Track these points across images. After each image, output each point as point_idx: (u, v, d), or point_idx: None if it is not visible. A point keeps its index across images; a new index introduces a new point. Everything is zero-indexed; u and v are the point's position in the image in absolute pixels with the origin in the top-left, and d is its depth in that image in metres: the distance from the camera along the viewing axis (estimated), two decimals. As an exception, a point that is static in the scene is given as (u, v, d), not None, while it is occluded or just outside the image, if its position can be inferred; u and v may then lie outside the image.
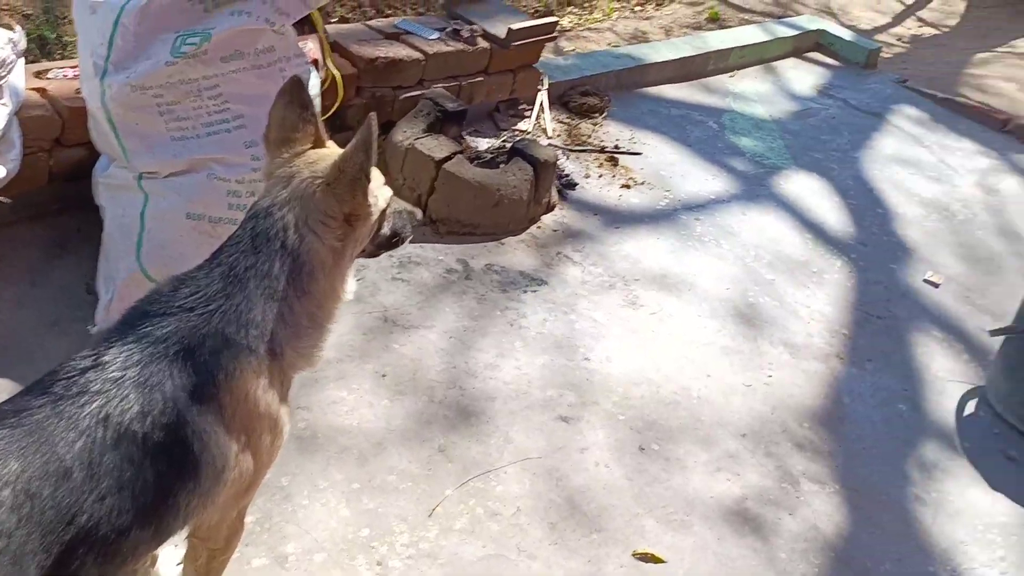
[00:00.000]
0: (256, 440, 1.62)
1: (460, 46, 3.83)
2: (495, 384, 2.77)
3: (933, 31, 8.45)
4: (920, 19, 8.75)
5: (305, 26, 3.12)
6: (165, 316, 1.52)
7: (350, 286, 1.75)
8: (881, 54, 7.06)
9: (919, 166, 4.65)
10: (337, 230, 1.63)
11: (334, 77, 3.23)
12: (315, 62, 3.08)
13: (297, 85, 1.70)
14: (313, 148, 1.70)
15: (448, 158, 3.40)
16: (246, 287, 1.56)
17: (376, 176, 1.69)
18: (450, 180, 3.37)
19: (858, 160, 4.56)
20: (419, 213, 1.97)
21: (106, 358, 1.46)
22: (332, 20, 5.06)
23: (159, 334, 1.50)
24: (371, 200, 1.66)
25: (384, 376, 2.70)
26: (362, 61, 3.53)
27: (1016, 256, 4.05)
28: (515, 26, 3.89)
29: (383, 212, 1.77)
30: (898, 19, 8.66)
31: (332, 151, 1.71)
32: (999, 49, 7.56)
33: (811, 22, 5.93)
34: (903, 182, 4.46)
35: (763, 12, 7.92)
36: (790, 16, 7.87)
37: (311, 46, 3.13)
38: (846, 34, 6.02)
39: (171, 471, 1.47)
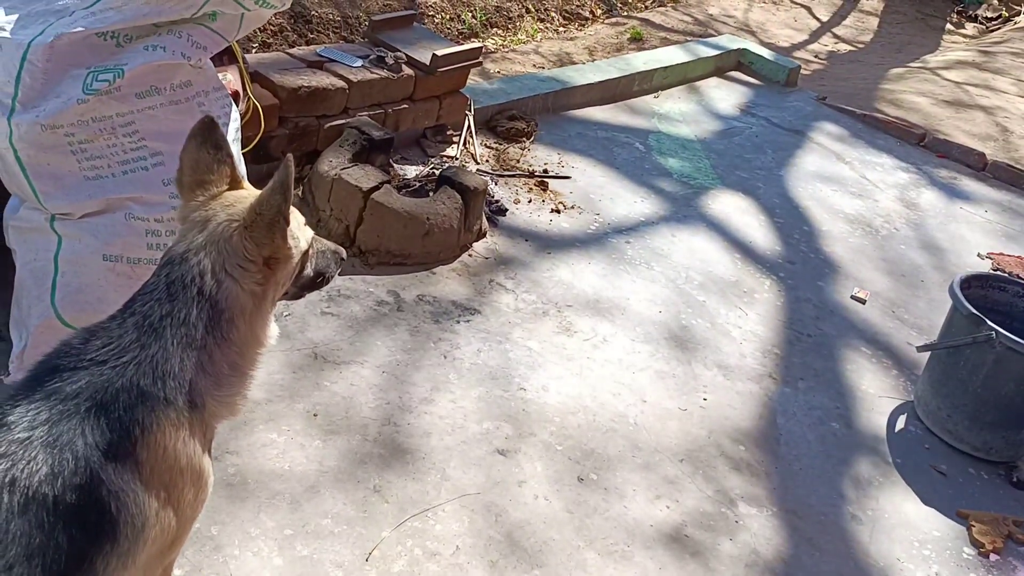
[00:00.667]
0: (178, 495, 1.54)
1: (384, 74, 3.78)
2: (430, 419, 2.72)
3: (849, 47, 8.67)
4: (836, 36, 8.98)
5: (224, 57, 3.04)
6: (76, 370, 1.45)
7: (272, 331, 1.70)
8: (800, 71, 7.20)
9: (842, 182, 4.74)
10: (256, 274, 1.58)
11: (255, 108, 3.16)
12: (235, 94, 3.00)
13: (209, 126, 1.64)
14: (230, 189, 1.65)
15: (376, 188, 3.35)
16: (162, 336, 1.50)
17: (296, 217, 1.65)
18: (378, 210, 3.31)
19: (783, 178, 4.64)
20: (343, 252, 1.92)
21: (11, 418, 1.38)
22: (253, 47, 4.98)
23: (69, 390, 1.42)
24: (291, 242, 1.62)
25: (315, 416, 2.63)
26: (284, 91, 3.46)
27: (937, 270, 4.14)
28: (440, 52, 3.86)
29: (305, 253, 1.73)
30: (815, 36, 8.88)
31: (249, 192, 1.66)
32: (912, 64, 7.79)
33: (732, 42, 6.02)
34: (827, 199, 4.54)
35: (684, 32, 8.04)
36: (711, 36, 8.00)
37: (231, 77, 3.05)
38: (766, 53, 6.12)
39: (86, 535, 1.38)
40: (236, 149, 2.54)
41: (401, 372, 2.87)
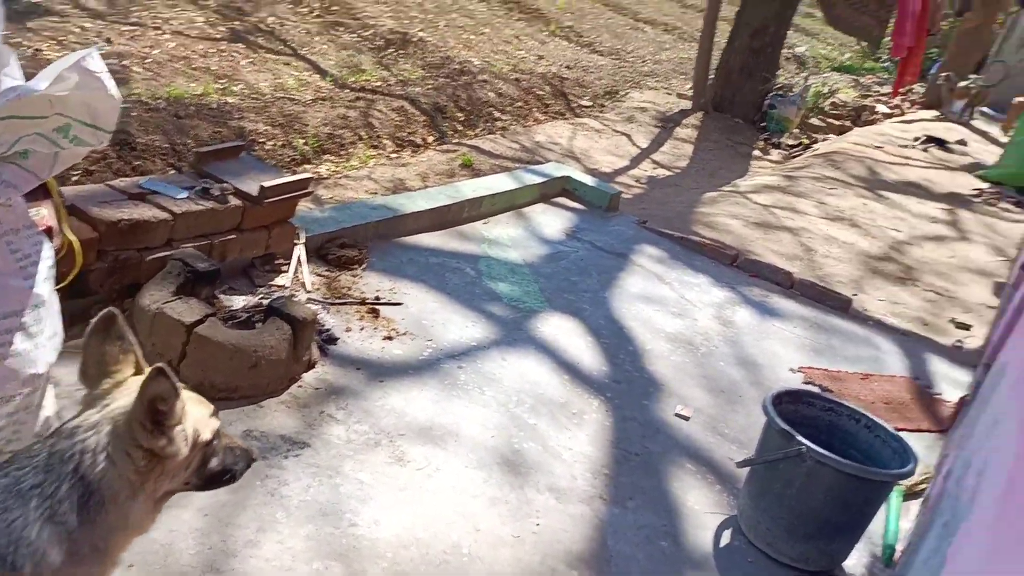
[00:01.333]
0: None
1: (210, 205, 3.75)
2: (256, 563, 2.62)
3: (667, 172, 9.23)
4: (655, 162, 9.54)
5: (39, 191, 2.95)
6: None
7: (150, 521, 1.69)
8: (622, 196, 7.58)
9: (663, 303, 4.97)
10: (139, 462, 1.59)
11: (71, 244, 3.06)
12: (49, 230, 2.90)
13: (109, 319, 1.70)
14: (134, 375, 1.70)
15: (199, 321, 3.27)
16: (27, 504, 1.50)
17: (195, 409, 1.68)
18: (203, 344, 3.23)
19: (608, 300, 4.82)
20: (255, 452, 1.92)
21: None
22: (74, 176, 4.84)
23: None
24: (180, 436, 1.63)
25: (131, 567, 2.49)
26: (103, 224, 3.38)
27: (754, 385, 4.37)
28: (268, 183, 3.87)
29: (208, 444, 1.74)
30: (635, 162, 9.41)
31: None
32: (725, 188, 8.34)
33: (557, 169, 6.30)
34: (650, 319, 4.75)
35: (513, 158, 8.36)
36: (538, 162, 8.34)
37: (45, 213, 2.95)
38: (589, 180, 6.43)
39: None
40: (50, 287, 2.45)
41: (225, 514, 2.77)
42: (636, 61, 14.47)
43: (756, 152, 10.68)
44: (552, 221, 5.74)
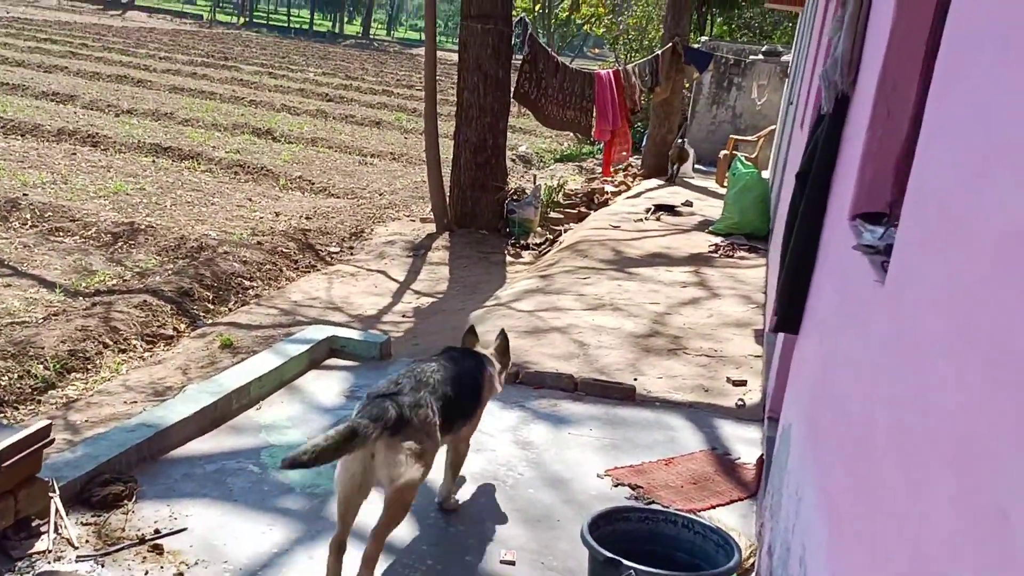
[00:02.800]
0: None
1: (-63, 487, 3.30)
2: None
3: (430, 299, 9.26)
4: (416, 291, 9.57)
5: None
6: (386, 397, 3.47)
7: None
8: (393, 335, 7.51)
9: (459, 443, 4.87)
10: (498, 385, 4.38)
11: None
12: None
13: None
14: None
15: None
16: (426, 387, 3.63)
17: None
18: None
19: (403, 457, 4.66)
20: None
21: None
22: None
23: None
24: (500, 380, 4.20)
25: None
26: None
27: (567, 503, 4.33)
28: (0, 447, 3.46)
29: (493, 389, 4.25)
30: (397, 296, 9.39)
31: None
32: (489, 302, 8.46)
33: (319, 331, 6.13)
34: (450, 464, 4.62)
35: (274, 325, 8.11)
36: (300, 322, 8.13)
37: None
38: (355, 334, 6.30)
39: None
40: None
41: None
42: (373, 195, 14.65)
43: (508, 259, 10.97)
44: (327, 387, 5.55)
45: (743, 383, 5.90)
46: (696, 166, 17.53)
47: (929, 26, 2.55)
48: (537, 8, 32.83)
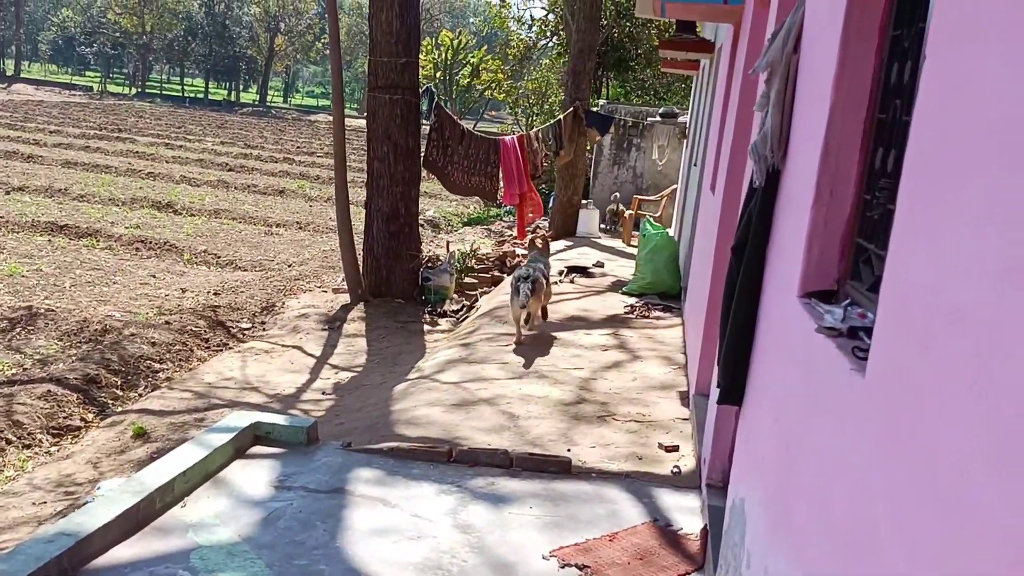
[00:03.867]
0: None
1: None
2: None
3: (350, 374, 9.08)
4: (334, 366, 9.37)
5: None
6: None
7: None
8: (313, 412, 7.32)
9: (398, 530, 4.71)
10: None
11: None
12: None
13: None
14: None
15: None
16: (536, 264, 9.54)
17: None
18: None
19: (342, 550, 4.48)
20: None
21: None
22: None
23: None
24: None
25: None
26: None
27: (516, 587, 4.22)
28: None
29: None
30: (315, 372, 9.18)
31: None
32: (411, 375, 8.33)
33: (242, 418, 5.90)
34: (389, 555, 4.46)
35: (189, 410, 7.81)
36: (216, 405, 7.86)
37: None
38: (280, 419, 6.09)
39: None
40: None
41: None
42: (282, 267, 14.41)
43: (426, 327, 10.87)
44: (255, 477, 5.32)
45: (675, 448, 5.91)
46: (602, 225, 17.83)
47: (867, 107, 2.62)
48: (439, 76, 33.22)
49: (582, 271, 12.60)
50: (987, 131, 1.36)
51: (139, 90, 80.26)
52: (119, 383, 8.31)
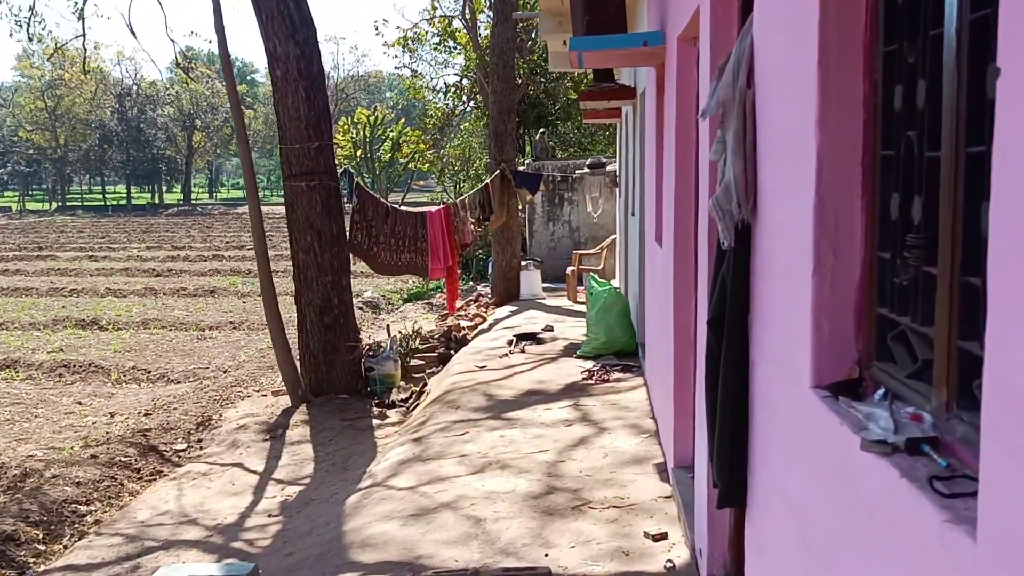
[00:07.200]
0: None
1: None
2: None
3: (297, 488, 8.32)
4: (279, 481, 8.60)
5: None
6: None
7: None
8: (259, 542, 6.60)
9: None
10: None
11: None
12: None
13: None
14: None
15: None
16: None
17: None
18: None
19: None
20: None
21: None
22: None
23: None
24: None
25: None
26: None
27: None
28: None
29: None
30: (259, 491, 8.40)
31: None
32: (364, 483, 7.60)
33: (174, 573, 5.16)
34: None
35: (117, 558, 7.01)
36: (149, 550, 7.09)
37: None
38: (216, 569, 5.36)
39: None
40: None
41: None
42: (217, 374, 13.61)
43: (375, 421, 10.17)
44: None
45: (664, 536, 5.30)
46: (544, 284, 17.34)
47: (862, 145, 2.10)
48: (360, 154, 32.81)
49: (532, 337, 12.03)
50: None
51: (60, 204, 78.56)
52: (40, 536, 7.46)
